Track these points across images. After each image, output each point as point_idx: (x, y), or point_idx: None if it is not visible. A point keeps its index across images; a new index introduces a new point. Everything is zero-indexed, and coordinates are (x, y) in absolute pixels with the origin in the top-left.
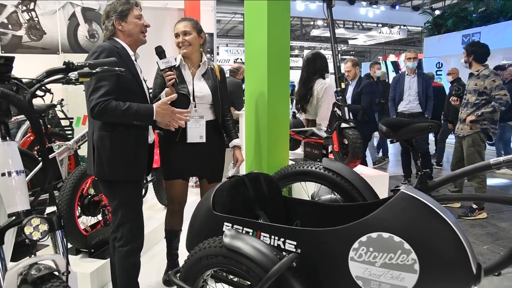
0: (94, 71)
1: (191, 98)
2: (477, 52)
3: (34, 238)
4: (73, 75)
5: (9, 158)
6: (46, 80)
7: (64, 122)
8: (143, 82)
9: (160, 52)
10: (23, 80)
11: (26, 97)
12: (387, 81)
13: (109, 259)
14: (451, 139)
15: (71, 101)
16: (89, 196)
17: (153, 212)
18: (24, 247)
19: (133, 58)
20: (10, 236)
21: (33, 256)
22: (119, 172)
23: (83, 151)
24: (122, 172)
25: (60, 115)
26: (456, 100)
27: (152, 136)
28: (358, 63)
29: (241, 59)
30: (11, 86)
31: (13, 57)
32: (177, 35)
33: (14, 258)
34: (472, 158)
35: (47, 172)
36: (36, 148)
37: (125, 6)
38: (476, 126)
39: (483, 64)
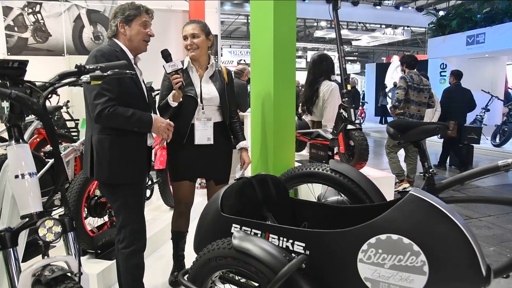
0: (105, 74)
1: (199, 100)
2: (407, 61)
3: (48, 240)
4: (85, 78)
5: (22, 160)
6: (59, 84)
7: (69, 124)
8: (142, 85)
9: (166, 56)
10: (36, 83)
11: (39, 100)
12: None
13: (115, 260)
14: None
15: (77, 103)
16: (96, 198)
17: (159, 214)
18: (32, 248)
19: (132, 61)
20: (22, 238)
21: (45, 257)
22: (119, 175)
23: None
24: (122, 175)
25: (66, 116)
26: None
27: (151, 139)
28: None
29: (244, 60)
30: (24, 89)
31: (27, 61)
32: (185, 38)
33: (23, 258)
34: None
35: (60, 173)
36: (42, 149)
37: (133, 11)
38: None
39: (409, 70)
